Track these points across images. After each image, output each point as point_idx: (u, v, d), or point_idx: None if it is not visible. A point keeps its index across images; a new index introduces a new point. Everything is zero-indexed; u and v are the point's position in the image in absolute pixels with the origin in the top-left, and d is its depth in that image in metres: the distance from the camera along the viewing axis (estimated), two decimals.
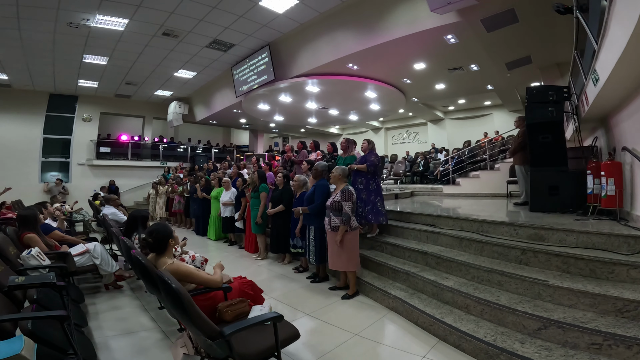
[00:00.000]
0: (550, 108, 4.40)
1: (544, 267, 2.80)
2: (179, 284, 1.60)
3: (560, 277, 2.57)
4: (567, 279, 2.52)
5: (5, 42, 7.22)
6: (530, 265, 2.90)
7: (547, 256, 2.80)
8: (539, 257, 2.85)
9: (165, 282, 1.60)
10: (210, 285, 2.18)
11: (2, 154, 11.07)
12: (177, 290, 1.52)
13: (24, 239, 3.36)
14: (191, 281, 2.15)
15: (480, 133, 11.75)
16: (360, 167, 4.36)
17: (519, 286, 2.67)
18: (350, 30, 6.77)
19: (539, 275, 2.65)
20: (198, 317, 1.55)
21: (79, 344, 2.09)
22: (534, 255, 2.89)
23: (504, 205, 5.68)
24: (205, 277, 2.19)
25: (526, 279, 2.62)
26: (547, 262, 2.79)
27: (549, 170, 4.25)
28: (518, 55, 6.90)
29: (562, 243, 2.98)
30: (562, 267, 2.71)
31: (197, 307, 1.58)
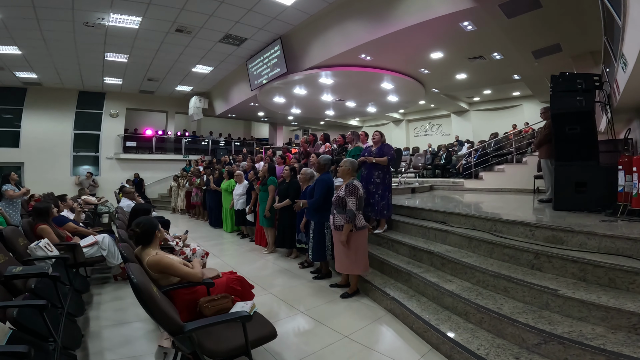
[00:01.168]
0: (578, 97, 4.01)
1: (558, 273, 2.55)
2: (141, 279, 1.58)
3: (574, 286, 2.33)
4: (582, 288, 2.27)
5: (30, 42, 7.58)
6: (543, 270, 2.65)
7: (562, 262, 2.54)
8: (554, 262, 2.59)
9: (129, 275, 1.59)
10: (191, 279, 2.18)
11: (36, 149, 11.81)
12: (137, 284, 1.52)
13: (37, 230, 3.53)
14: (172, 273, 2.15)
15: (508, 125, 11.09)
16: (381, 160, 4.17)
17: (526, 294, 2.45)
18: (361, 20, 6.54)
19: (550, 282, 2.41)
20: (159, 311, 1.53)
21: (65, 332, 2.18)
22: (548, 260, 2.63)
23: (528, 201, 5.34)
24: (186, 270, 2.19)
25: (534, 286, 2.39)
26: (562, 269, 2.53)
27: (577, 164, 3.89)
28: (545, 43, 6.37)
29: (582, 247, 2.70)
30: (578, 274, 2.45)
31: (158, 301, 1.56)
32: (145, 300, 1.51)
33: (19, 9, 6.04)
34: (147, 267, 2.09)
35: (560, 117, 4.04)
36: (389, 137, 16.34)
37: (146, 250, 2.18)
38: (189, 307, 2.12)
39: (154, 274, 2.09)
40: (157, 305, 1.54)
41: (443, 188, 8.53)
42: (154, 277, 2.08)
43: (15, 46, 7.81)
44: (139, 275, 1.59)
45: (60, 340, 1.98)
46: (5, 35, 7.13)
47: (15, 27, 6.82)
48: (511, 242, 2.97)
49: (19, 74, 10.04)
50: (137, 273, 1.60)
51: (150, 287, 1.62)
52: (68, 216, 5.07)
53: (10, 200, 5.47)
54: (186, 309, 2.12)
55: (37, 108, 11.91)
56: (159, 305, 1.55)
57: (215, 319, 1.76)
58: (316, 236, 3.90)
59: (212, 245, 6.06)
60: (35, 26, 6.74)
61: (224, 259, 5.17)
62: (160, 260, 2.10)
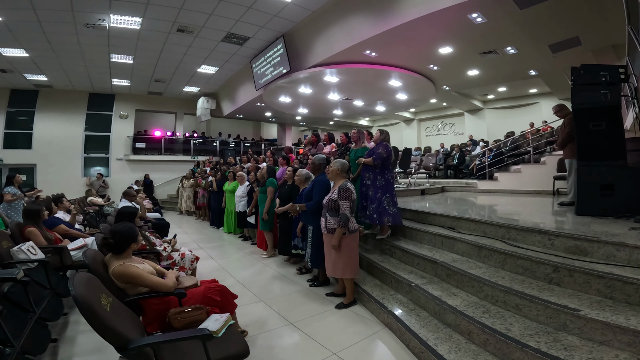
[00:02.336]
0: (602, 91, 3.65)
1: (580, 289, 2.22)
2: (81, 291, 1.44)
3: (599, 305, 2.00)
4: (607, 308, 1.96)
5: (35, 44, 7.65)
6: (562, 286, 2.32)
7: (586, 276, 2.20)
8: (576, 277, 2.26)
9: (69, 286, 1.46)
10: (160, 289, 2.06)
11: (48, 151, 12.02)
12: (75, 296, 1.40)
13: (25, 232, 3.45)
14: (139, 284, 2.04)
15: (525, 124, 10.60)
16: (367, 160, 3.95)
17: (540, 313, 2.13)
18: (364, 15, 6.29)
19: (570, 300, 2.09)
20: (100, 324, 1.42)
21: (30, 337, 2.15)
22: (569, 275, 2.29)
23: (547, 205, 4.96)
24: (155, 280, 2.08)
25: (551, 305, 2.07)
26: (586, 284, 2.20)
27: (602, 165, 3.51)
28: (563, 36, 5.95)
29: (609, 260, 2.36)
30: (604, 291, 2.11)
31: (100, 314, 1.44)
32: (85, 313, 1.40)
33: (20, 11, 6.06)
34: (112, 277, 2.01)
35: (582, 113, 3.68)
36: (399, 137, 16.02)
37: (115, 259, 2.09)
38: (160, 317, 2.03)
39: (120, 283, 2.02)
40: (98, 318, 1.42)
41: (455, 189, 8.20)
42: (120, 287, 2.02)
43: (22, 49, 7.90)
44: (80, 286, 1.45)
45: (19, 345, 1.94)
46: (10, 38, 7.20)
47: (19, 30, 6.88)
48: (526, 253, 2.64)
49: (30, 77, 10.21)
50: (79, 284, 1.46)
51: (94, 299, 1.48)
52: (64, 218, 5.00)
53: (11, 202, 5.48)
54: (157, 320, 2.05)
55: (49, 110, 12.13)
56: (101, 318, 1.42)
57: (169, 335, 1.66)
58: (315, 241, 3.67)
59: (212, 248, 5.95)
60: (38, 28, 6.78)
61: (221, 262, 5.04)
62: (125, 270, 2.01)
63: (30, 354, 2.09)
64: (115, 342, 1.44)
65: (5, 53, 8.10)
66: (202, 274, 4.34)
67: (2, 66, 9.03)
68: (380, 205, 3.89)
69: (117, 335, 1.45)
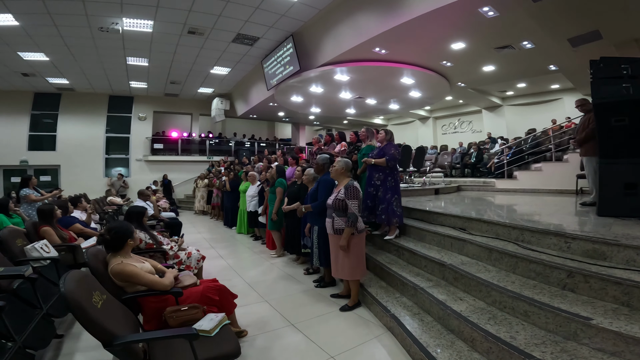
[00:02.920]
0: (624, 84, 3.43)
1: (595, 296, 2.08)
2: (71, 287, 1.47)
3: (614, 313, 1.86)
4: (623, 317, 1.82)
5: (54, 48, 7.93)
6: (577, 292, 2.17)
7: (602, 282, 2.05)
8: (592, 282, 2.11)
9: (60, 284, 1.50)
10: (156, 288, 2.11)
11: (72, 152, 12.50)
12: (64, 293, 1.44)
13: (40, 232, 3.60)
14: (136, 282, 2.09)
15: (547, 120, 10.20)
16: (379, 161, 3.88)
17: (550, 321, 2.01)
18: (371, 12, 6.18)
19: (583, 308, 1.96)
20: (87, 320, 1.46)
21: (34, 332, 2.21)
22: (585, 280, 2.14)
23: (568, 205, 4.74)
24: (151, 279, 2.12)
25: (561, 313, 1.94)
26: (602, 291, 2.05)
27: (625, 162, 3.30)
28: (582, 29, 5.65)
29: (629, 264, 2.19)
30: (621, 298, 1.96)
31: (87, 311, 1.47)
32: (73, 310, 1.44)
33: (36, 16, 6.30)
34: (111, 275, 2.05)
35: (603, 108, 3.47)
36: (415, 135, 15.75)
37: (114, 257, 2.14)
38: (158, 315, 2.08)
39: (118, 281, 2.06)
40: (85, 315, 1.45)
41: (472, 189, 7.98)
42: (118, 285, 2.07)
43: (42, 53, 8.20)
44: (70, 284, 1.49)
45: (22, 340, 2.01)
46: (30, 43, 7.49)
47: (37, 34, 7.14)
48: (539, 256, 2.49)
49: (52, 80, 10.62)
50: (70, 282, 1.50)
51: (83, 296, 1.52)
52: (80, 217, 5.17)
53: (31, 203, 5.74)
54: (155, 318, 2.10)
55: (72, 112, 12.61)
56: (88, 315, 1.46)
57: (154, 334, 1.77)
58: (321, 241, 3.65)
59: (222, 247, 6.01)
60: (55, 33, 7.02)
61: (230, 261, 5.08)
62: (123, 269, 2.05)
63: (32, 348, 2.15)
64: (102, 338, 1.48)
65: (26, 57, 8.42)
66: (210, 273, 4.39)
67: (24, 70, 9.41)
68: (390, 207, 3.85)
69: (103, 332, 1.48)
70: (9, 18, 6.37)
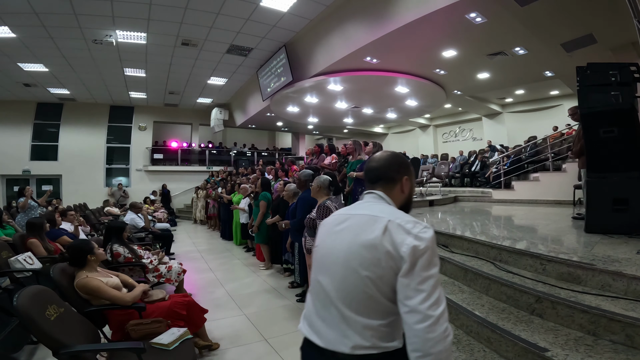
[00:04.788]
0: (613, 92, 3.30)
1: (562, 323, 1.96)
2: (23, 302, 1.59)
3: (575, 344, 1.75)
4: (583, 348, 1.71)
5: (52, 60, 8.05)
6: (544, 317, 2.06)
7: (569, 309, 1.94)
8: (559, 309, 2.00)
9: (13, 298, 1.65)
10: (117, 302, 2.20)
11: (73, 162, 12.60)
12: (16, 307, 1.57)
13: (26, 244, 3.64)
14: (99, 296, 2.18)
15: (548, 127, 10.04)
16: (359, 174, 3.81)
17: (509, 349, 1.90)
18: (360, 21, 6.18)
19: (544, 337, 1.85)
20: (36, 331, 1.60)
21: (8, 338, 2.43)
22: (552, 306, 2.03)
23: (562, 218, 4.59)
24: (113, 294, 2.21)
25: (519, 342, 1.84)
26: (569, 318, 1.94)
27: (615, 176, 3.15)
28: (575, 33, 5.57)
29: (603, 289, 2.08)
30: (587, 327, 1.85)
31: (38, 322, 1.60)
32: (24, 321, 1.57)
33: (31, 28, 6.40)
34: (76, 288, 2.16)
35: (591, 118, 3.32)
36: (415, 143, 15.62)
37: (80, 271, 2.24)
38: (122, 327, 2.18)
39: (83, 294, 2.17)
40: (35, 326, 1.58)
41: (469, 199, 7.83)
42: (84, 298, 2.17)
43: (41, 63, 8.34)
44: (23, 299, 1.61)
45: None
46: (28, 54, 7.61)
47: (35, 46, 7.26)
48: (512, 279, 2.40)
49: (53, 90, 10.77)
50: (23, 297, 1.62)
51: (35, 310, 1.63)
52: (69, 229, 5.19)
53: (27, 211, 5.81)
54: (120, 330, 2.21)
55: (73, 123, 12.74)
56: (39, 326, 1.59)
57: (100, 346, 1.94)
58: (301, 258, 3.61)
59: (213, 259, 5.98)
60: (52, 45, 7.14)
61: (217, 273, 5.04)
62: (87, 283, 2.15)
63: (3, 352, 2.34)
64: (50, 347, 1.59)
65: (26, 68, 8.55)
66: (195, 285, 4.39)
67: (25, 80, 9.56)
68: None
69: (53, 341, 1.59)
70: (5, 30, 6.50)
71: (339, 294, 0.93)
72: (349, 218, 1.02)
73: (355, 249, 0.92)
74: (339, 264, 0.94)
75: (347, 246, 0.94)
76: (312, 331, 0.99)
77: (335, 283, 0.94)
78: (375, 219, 0.94)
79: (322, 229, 1.09)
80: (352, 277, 0.91)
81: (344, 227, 1.00)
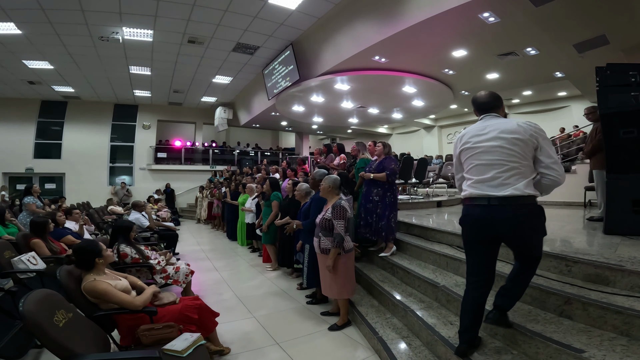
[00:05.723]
0: (633, 92, 3.24)
1: (593, 324, 1.90)
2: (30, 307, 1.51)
3: (610, 344, 1.69)
4: (619, 348, 1.65)
5: (57, 57, 8.01)
6: (574, 319, 2.00)
7: (602, 310, 1.88)
8: (590, 310, 1.93)
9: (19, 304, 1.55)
10: (127, 307, 2.10)
11: (77, 160, 12.59)
12: (22, 312, 1.48)
13: (30, 243, 3.56)
14: (108, 300, 2.09)
15: (555, 129, 9.96)
16: (378, 176, 3.71)
17: (540, 351, 1.83)
18: (369, 20, 6.10)
19: (577, 338, 1.78)
20: (44, 338, 1.50)
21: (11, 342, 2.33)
22: (583, 308, 1.97)
23: (575, 219, 4.51)
24: (122, 298, 2.11)
25: (552, 343, 1.77)
26: (601, 319, 1.88)
27: (635, 177, 3.10)
28: (588, 34, 5.48)
29: (633, 290, 2.01)
30: (620, 327, 1.79)
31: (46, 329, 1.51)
32: (31, 329, 1.49)
33: (37, 25, 6.35)
34: (84, 292, 2.07)
35: (610, 118, 3.27)
36: (419, 144, 15.55)
37: (87, 274, 2.15)
38: (132, 332, 2.10)
39: (91, 298, 2.08)
40: (44, 333, 1.49)
41: None
42: (92, 302, 2.09)
43: (46, 61, 8.30)
44: (30, 304, 1.52)
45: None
46: (33, 51, 7.58)
47: (40, 43, 7.21)
48: (536, 280, 2.29)
49: (57, 88, 10.75)
50: (30, 302, 1.53)
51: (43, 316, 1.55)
52: (73, 229, 5.11)
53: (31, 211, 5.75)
54: (129, 335, 2.13)
55: (77, 121, 12.72)
56: (47, 333, 1.50)
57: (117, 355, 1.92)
58: (311, 260, 3.50)
59: (219, 259, 5.92)
60: (57, 41, 7.09)
61: (224, 274, 4.97)
62: (95, 286, 2.07)
63: (7, 358, 2.23)
64: (61, 356, 1.51)
65: (31, 65, 8.52)
66: (202, 287, 4.32)
67: (29, 78, 9.52)
68: (388, 223, 3.70)
69: (62, 350, 1.51)
70: (11, 27, 6.45)
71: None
72: (487, 126, 1.83)
73: (507, 139, 1.73)
74: (493, 145, 1.77)
75: (500, 137, 1.75)
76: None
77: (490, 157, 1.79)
78: (508, 120, 1.82)
79: (465, 137, 1.91)
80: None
81: (488, 130, 1.80)
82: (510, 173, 1.70)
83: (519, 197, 1.69)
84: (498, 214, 1.73)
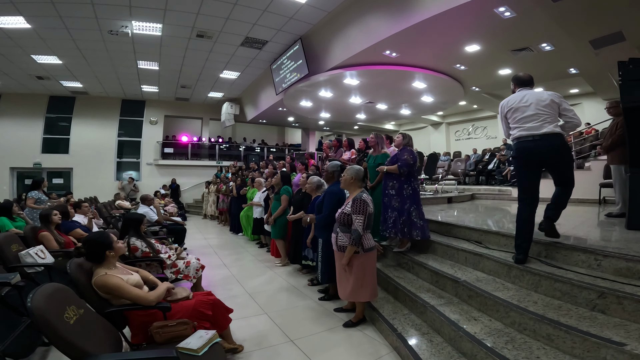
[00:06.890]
0: None
1: (629, 318, 1.86)
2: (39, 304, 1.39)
3: None
4: None
5: (66, 52, 8.00)
6: (608, 314, 1.96)
7: (638, 304, 1.85)
8: (625, 304, 1.90)
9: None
10: (140, 302, 2.01)
11: (84, 155, 12.64)
12: (31, 308, 1.36)
13: (38, 236, 3.53)
14: (120, 295, 2.01)
15: None
16: (391, 168, 3.63)
17: (576, 345, 1.79)
18: (381, 13, 6.00)
19: (615, 332, 1.75)
20: (54, 337, 1.39)
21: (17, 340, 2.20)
22: (618, 302, 1.93)
23: (592, 216, 4.43)
24: (135, 293, 2.02)
25: (590, 337, 1.73)
26: (637, 313, 1.84)
27: None
28: (605, 30, 5.37)
29: None
30: None
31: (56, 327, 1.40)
32: (39, 327, 1.38)
33: (47, 19, 6.33)
34: (94, 287, 1.99)
35: (634, 112, 3.23)
36: (427, 141, 15.41)
37: (98, 268, 2.06)
38: (145, 329, 2.02)
39: (102, 294, 2.00)
40: (53, 331, 1.38)
41: (487, 197, 7.69)
42: (103, 297, 2.00)
43: (55, 56, 8.30)
44: (38, 299, 1.40)
45: (3, 347, 2.02)
46: (42, 45, 7.56)
47: (49, 37, 7.20)
48: (566, 275, 2.27)
49: (65, 83, 10.77)
50: (38, 297, 1.41)
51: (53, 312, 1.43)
52: (82, 222, 5.09)
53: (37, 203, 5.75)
54: (142, 332, 2.05)
55: (85, 116, 12.75)
56: (57, 331, 1.38)
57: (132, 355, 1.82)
58: (325, 255, 3.40)
59: (227, 255, 5.87)
60: (67, 36, 7.07)
61: (233, 269, 4.92)
62: (106, 281, 1.98)
63: (13, 356, 2.14)
64: (72, 356, 1.42)
65: (39, 60, 8.52)
66: (211, 282, 4.26)
67: (38, 73, 9.54)
68: (409, 218, 3.55)
69: (74, 350, 1.41)
70: (20, 20, 6.43)
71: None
72: (526, 94, 2.61)
73: (540, 102, 2.54)
74: (532, 106, 2.55)
75: (535, 101, 2.55)
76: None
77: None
78: (540, 91, 2.64)
79: (509, 103, 2.69)
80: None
81: (527, 97, 2.58)
82: (545, 121, 2.51)
83: (553, 134, 2.49)
84: (541, 146, 2.50)
